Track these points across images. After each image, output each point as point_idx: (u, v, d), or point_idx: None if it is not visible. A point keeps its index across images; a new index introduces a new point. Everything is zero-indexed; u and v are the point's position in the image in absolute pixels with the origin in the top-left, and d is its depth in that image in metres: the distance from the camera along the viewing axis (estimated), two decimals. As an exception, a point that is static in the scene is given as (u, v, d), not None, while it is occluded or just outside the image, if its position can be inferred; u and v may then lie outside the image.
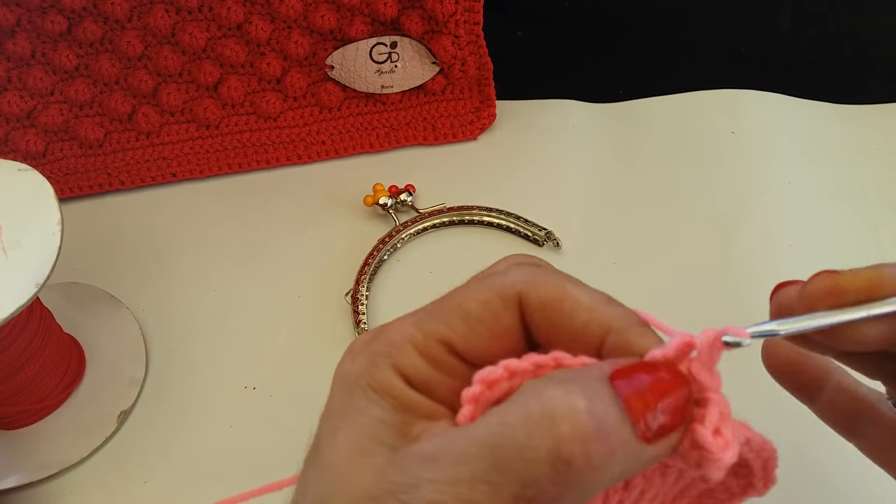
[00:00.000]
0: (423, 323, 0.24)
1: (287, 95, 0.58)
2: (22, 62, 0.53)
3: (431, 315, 0.24)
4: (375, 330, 0.24)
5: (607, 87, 0.61)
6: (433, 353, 0.23)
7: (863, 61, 0.62)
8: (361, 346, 0.24)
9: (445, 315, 0.24)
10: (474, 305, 0.23)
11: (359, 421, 0.22)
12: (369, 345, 0.24)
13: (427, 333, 0.23)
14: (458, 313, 0.23)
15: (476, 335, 0.23)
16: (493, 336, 0.23)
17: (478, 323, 0.23)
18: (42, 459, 0.44)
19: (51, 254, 0.38)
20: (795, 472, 0.42)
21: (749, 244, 0.51)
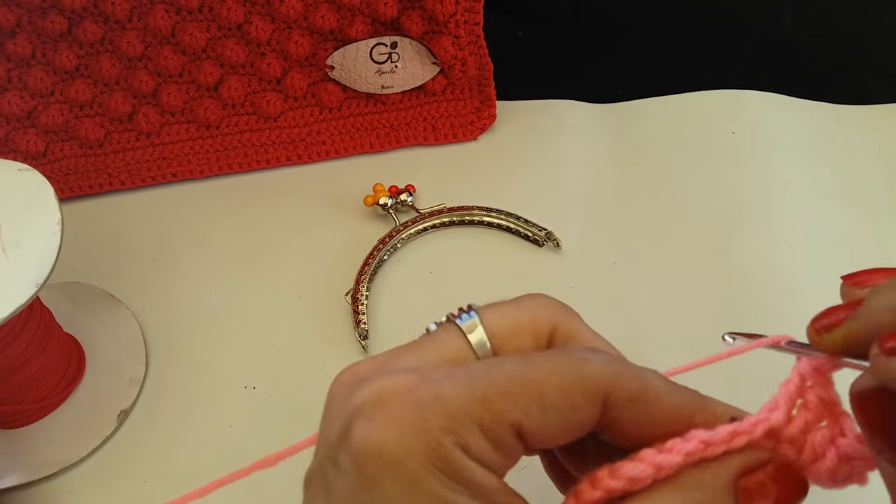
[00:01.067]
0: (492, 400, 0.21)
1: (287, 96, 0.58)
2: (22, 62, 0.53)
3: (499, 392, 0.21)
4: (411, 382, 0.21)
5: (607, 87, 0.61)
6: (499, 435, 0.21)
7: (863, 61, 0.62)
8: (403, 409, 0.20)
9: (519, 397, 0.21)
10: (554, 394, 0.21)
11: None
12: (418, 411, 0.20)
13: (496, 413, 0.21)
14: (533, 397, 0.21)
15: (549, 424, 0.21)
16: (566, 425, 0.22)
17: (554, 413, 0.21)
18: (42, 459, 0.44)
19: (51, 254, 0.38)
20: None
21: (749, 244, 0.51)
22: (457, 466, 0.20)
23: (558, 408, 0.21)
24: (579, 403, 0.21)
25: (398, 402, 0.20)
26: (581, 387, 0.21)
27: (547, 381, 0.21)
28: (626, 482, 0.21)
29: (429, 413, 0.20)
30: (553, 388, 0.21)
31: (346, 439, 0.21)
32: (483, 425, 0.20)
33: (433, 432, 0.20)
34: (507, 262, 0.52)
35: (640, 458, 0.21)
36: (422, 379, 0.21)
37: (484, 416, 0.20)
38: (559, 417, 0.21)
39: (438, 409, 0.20)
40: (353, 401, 0.21)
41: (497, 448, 0.21)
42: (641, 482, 0.21)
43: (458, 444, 0.20)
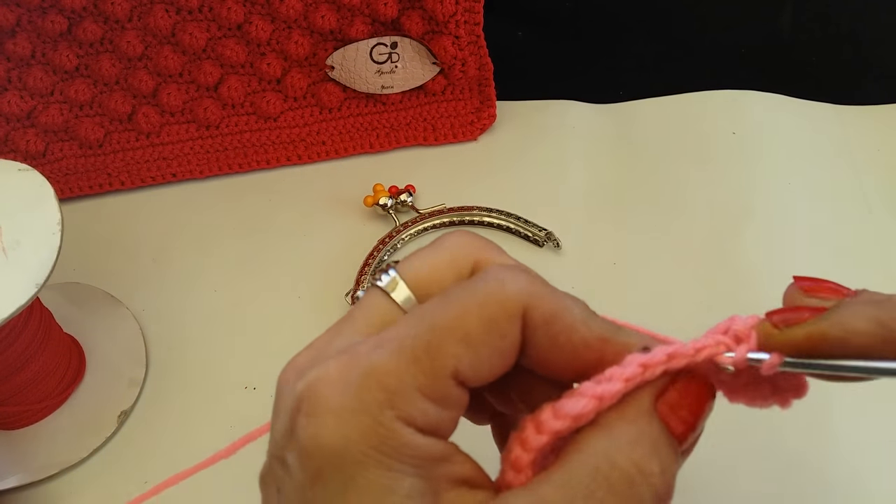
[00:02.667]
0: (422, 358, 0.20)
1: (287, 96, 0.58)
2: (22, 62, 0.53)
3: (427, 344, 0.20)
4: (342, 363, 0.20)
5: (607, 87, 0.61)
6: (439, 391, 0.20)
7: (863, 62, 0.62)
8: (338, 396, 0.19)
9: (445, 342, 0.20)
10: (478, 327, 0.21)
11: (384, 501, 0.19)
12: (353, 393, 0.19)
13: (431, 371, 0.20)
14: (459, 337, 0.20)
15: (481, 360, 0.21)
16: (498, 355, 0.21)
17: (483, 346, 0.21)
18: (42, 459, 0.44)
19: (51, 254, 0.38)
20: (794, 472, 0.42)
21: (749, 244, 0.51)
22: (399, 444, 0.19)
23: (486, 340, 0.21)
24: (505, 329, 0.21)
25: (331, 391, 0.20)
26: (503, 310, 0.21)
27: (469, 316, 0.21)
28: (571, 420, 0.21)
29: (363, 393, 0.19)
30: (475, 321, 0.21)
31: (291, 437, 0.20)
32: (420, 386, 0.20)
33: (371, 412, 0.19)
34: (507, 263, 0.52)
35: (581, 393, 0.21)
36: (350, 358, 0.20)
37: (419, 377, 0.20)
38: (489, 349, 0.21)
39: (373, 386, 0.19)
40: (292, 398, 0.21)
41: (440, 404, 0.20)
42: (585, 417, 0.21)
43: (399, 417, 0.19)
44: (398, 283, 0.23)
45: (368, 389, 0.19)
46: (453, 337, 0.20)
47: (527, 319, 0.21)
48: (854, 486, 0.41)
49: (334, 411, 0.19)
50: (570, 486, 0.20)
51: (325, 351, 0.22)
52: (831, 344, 0.22)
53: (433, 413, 0.20)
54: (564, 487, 0.20)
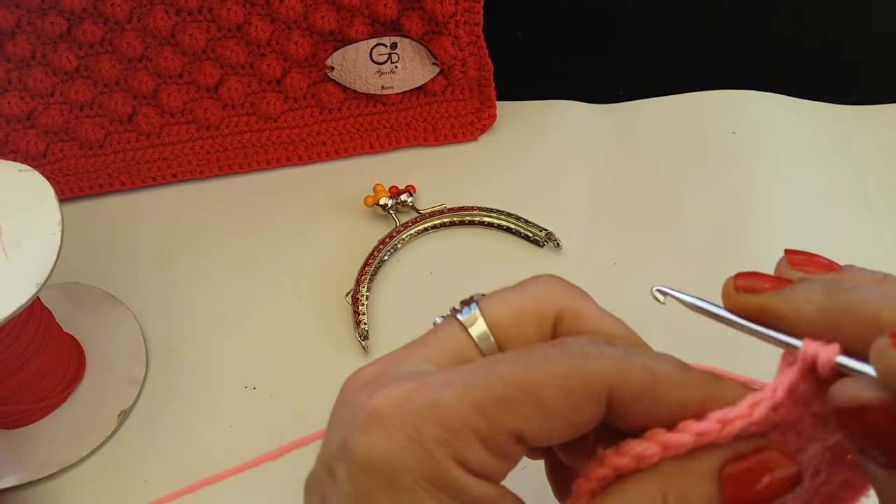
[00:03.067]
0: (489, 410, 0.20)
1: (287, 96, 0.58)
2: (22, 63, 0.53)
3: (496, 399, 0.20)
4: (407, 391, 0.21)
5: (607, 87, 0.61)
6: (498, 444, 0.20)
7: (863, 61, 0.62)
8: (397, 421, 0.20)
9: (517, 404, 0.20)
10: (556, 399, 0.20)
11: None
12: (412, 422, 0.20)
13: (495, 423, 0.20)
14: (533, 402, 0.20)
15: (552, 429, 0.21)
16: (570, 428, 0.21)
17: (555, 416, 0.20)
18: (42, 459, 0.44)
19: (51, 254, 0.38)
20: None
21: (749, 244, 0.51)
22: (450, 481, 0.20)
23: (560, 411, 0.21)
24: (582, 405, 0.21)
25: (394, 415, 0.20)
26: (584, 388, 0.21)
27: (546, 384, 0.20)
28: (631, 459, 0.21)
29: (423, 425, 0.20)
30: (553, 392, 0.20)
31: (344, 450, 0.21)
32: (480, 435, 0.20)
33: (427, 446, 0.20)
34: (507, 263, 0.52)
35: (648, 437, 0.21)
36: (418, 387, 0.21)
37: (481, 426, 0.20)
38: (561, 420, 0.21)
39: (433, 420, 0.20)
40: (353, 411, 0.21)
41: (496, 455, 0.21)
42: (647, 460, 0.21)
43: (454, 456, 0.20)
44: (478, 318, 0.23)
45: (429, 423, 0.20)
46: (527, 401, 0.20)
47: (615, 398, 0.21)
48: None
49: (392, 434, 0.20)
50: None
51: (392, 370, 0.22)
52: (776, 318, 0.22)
53: (487, 461, 0.20)
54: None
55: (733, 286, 0.23)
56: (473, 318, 0.23)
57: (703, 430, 0.21)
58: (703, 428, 0.21)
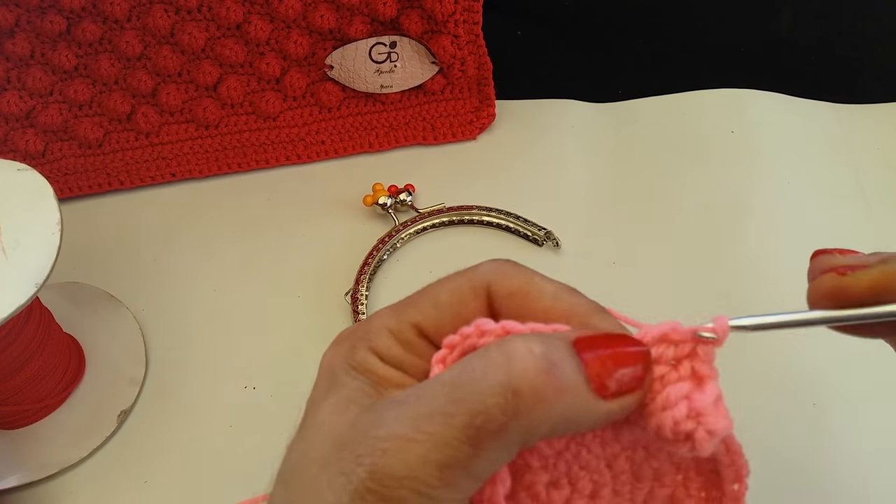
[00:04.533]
0: (398, 310, 0.26)
1: (286, 95, 0.58)
2: (21, 62, 0.53)
3: (407, 303, 0.26)
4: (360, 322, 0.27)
5: (607, 87, 0.61)
6: (406, 336, 0.25)
7: (863, 62, 0.62)
8: (345, 336, 0.26)
9: (419, 302, 0.26)
10: (444, 293, 0.25)
11: (340, 392, 0.24)
12: (352, 334, 0.26)
13: (401, 319, 0.25)
14: (429, 300, 0.26)
15: (444, 320, 0.25)
16: (461, 321, 0.25)
17: (446, 308, 0.25)
18: (42, 459, 0.44)
19: (50, 254, 0.38)
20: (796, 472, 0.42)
21: (749, 244, 0.51)
22: (360, 361, 0.24)
23: (450, 304, 0.25)
24: (467, 298, 0.25)
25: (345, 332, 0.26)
26: (470, 284, 0.25)
27: (442, 286, 0.26)
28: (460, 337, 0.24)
29: (357, 331, 0.26)
30: (445, 290, 0.25)
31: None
32: (392, 330, 0.25)
33: (354, 342, 0.25)
34: (506, 262, 0.52)
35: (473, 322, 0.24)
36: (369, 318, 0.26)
37: (391, 323, 0.25)
38: (451, 313, 0.25)
39: (363, 327, 0.26)
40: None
41: (405, 346, 0.25)
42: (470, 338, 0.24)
43: (370, 347, 0.25)
44: None
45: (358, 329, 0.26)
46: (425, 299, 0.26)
47: (492, 293, 0.25)
48: (855, 487, 0.41)
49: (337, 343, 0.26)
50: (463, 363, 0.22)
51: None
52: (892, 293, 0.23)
53: (396, 350, 0.25)
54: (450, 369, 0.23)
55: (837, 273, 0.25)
56: None
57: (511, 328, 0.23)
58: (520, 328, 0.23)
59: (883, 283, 0.24)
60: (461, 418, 0.21)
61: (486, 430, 0.21)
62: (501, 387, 0.21)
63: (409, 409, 0.21)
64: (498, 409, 0.21)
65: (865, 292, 0.24)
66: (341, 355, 0.25)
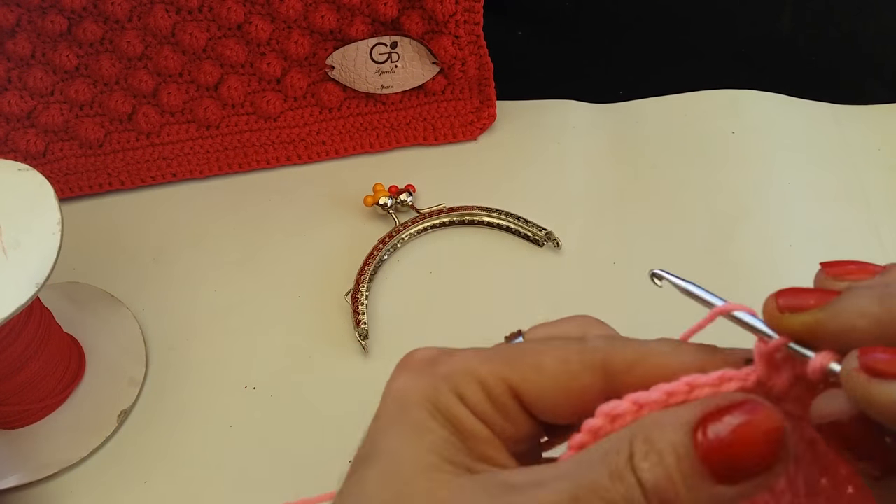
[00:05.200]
0: (492, 361, 0.23)
1: (287, 95, 0.58)
2: (22, 62, 0.53)
3: (501, 357, 0.23)
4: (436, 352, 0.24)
5: (607, 87, 0.61)
6: (496, 393, 0.23)
7: (862, 62, 0.62)
8: (420, 366, 0.24)
9: (517, 362, 0.23)
10: (551, 361, 0.23)
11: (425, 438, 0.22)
12: (431, 367, 0.24)
13: (494, 373, 0.23)
14: (531, 364, 0.23)
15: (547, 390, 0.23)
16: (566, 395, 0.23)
17: (551, 379, 0.23)
18: (42, 459, 0.44)
19: (51, 254, 0.38)
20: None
21: (749, 244, 0.51)
22: (445, 404, 0.23)
23: (555, 375, 0.23)
24: (577, 372, 0.23)
25: (421, 361, 0.24)
26: (579, 357, 0.23)
27: (546, 352, 0.23)
28: (603, 418, 0.22)
29: (438, 367, 0.23)
30: (550, 358, 0.23)
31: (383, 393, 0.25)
32: (481, 380, 0.23)
33: (435, 379, 0.23)
34: (507, 262, 0.52)
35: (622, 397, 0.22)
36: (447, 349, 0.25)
37: (482, 373, 0.23)
38: (556, 385, 0.23)
39: (447, 365, 0.23)
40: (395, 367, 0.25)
41: (495, 405, 0.23)
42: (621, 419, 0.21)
43: (454, 390, 0.23)
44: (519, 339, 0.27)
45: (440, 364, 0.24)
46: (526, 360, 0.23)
47: (608, 370, 0.23)
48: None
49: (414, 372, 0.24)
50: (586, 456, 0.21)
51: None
52: (829, 336, 0.21)
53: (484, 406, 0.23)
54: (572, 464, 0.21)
55: (776, 307, 0.22)
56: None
57: (671, 390, 0.21)
58: (671, 388, 0.21)
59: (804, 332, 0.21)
60: None
61: None
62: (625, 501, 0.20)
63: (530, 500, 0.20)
64: None
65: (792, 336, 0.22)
66: (419, 390, 0.23)
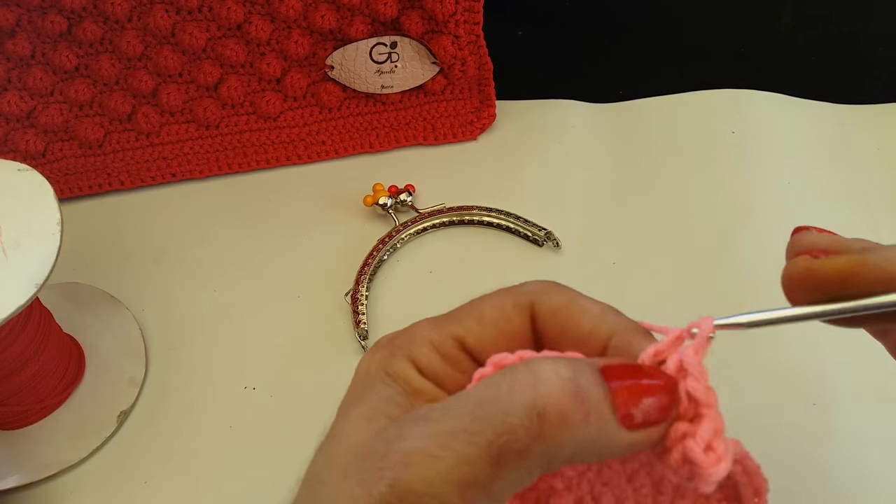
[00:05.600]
0: (441, 323, 0.26)
1: (287, 95, 0.58)
2: (22, 62, 0.53)
3: (450, 317, 0.26)
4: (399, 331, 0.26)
5: (607, 87, 0.61)
6: (447, 349, 0.25)
7: (863, 61, 0.62)
8: (385, 342, 0.26)
9: (462, 317, 0.26)
10: (488, 309, 0.26)
11: (371, 399, 0.24)
12: (392, 341, 0.26)
13: (443, 332, 0.25)
14: (473, 315, 0.26)
15: (487, 336, 0.25)
16: (503, 337, 0.25)
17: (490, 325, 0.25)
18: (42, 459, 0.44)
19: (51, 254, 0.38)
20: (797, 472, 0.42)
21: (749, 244, 0.51)
22: (397, 369, 0.24)
23: (493, 320, 0.25)
24: (510, 315, 0.25)
25: (384, 339, 0.26)
26: (513, 301, 0.25)
27: (486, 302, 0.26)
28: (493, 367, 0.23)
29: (397, 339, 0.26)
30: (489, 306, 0.26)
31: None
32: (432, 341, 0.25)
33: (393, 349, 0.25)
34: (506, 262, 0.52)
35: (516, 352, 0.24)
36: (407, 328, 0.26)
37: (433, 335, 0.25)
38: (494, 329, 0.25)
39: (404, 336, 0.26)
40: None
41: (445, 360, 0.25)
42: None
43: (409, 357, 0.25)
44: None
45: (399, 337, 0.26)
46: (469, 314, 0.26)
47: (535, 311, 0.25)
48: (855, 486, 0.41)
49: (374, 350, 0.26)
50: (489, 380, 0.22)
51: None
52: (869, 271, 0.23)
53: (436, 363, 0.25)
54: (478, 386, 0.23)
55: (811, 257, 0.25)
56: None
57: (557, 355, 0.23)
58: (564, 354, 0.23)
59: (849, 271, 0.24)
60: (484, 437, 0.21)
61: (509, 451, 0.20)
62: (527, 408, 0.21)
63: (434, 425, 0.21)
64: (522, 431, 0.21)
65: (832, 279, 0.24)
66: (378, 361, 0.25)
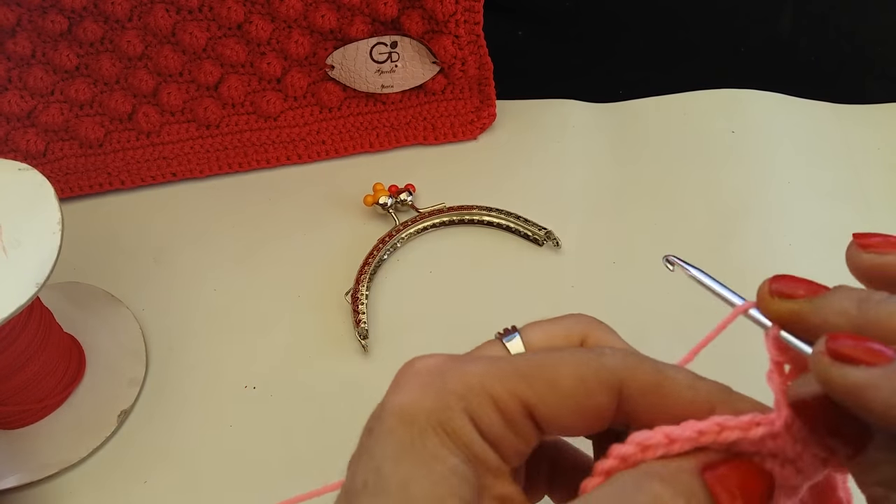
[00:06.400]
0: (505, 377, 0.23)
1: (287, 95, 0.58)
2: (22, 62, 0.53)
3: (516, 372, 0.23)
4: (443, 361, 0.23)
5: (607, 87, 0.61)
6: (510, 411, 0.22)
7: (862, 61, 0.62)
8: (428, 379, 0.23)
9: (532, 376, 0.23)
10: (567, 378, 0.23)
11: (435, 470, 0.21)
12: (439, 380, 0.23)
13: (510, 390, 0.22)
14: (546, 380, 0.23)
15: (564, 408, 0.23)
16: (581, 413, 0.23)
17: (568, 396, 0.22)
18: (42, 459, 0.44)
19: (51, 254, 0.38)
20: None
21: (749, 244, 0.51)
22: (457, 429, 0.22)
23: (572, 393, 0.22)
24: (593, 391, 0.22)
25: (427, 373, 0.23)
26: (594, 374, 0.22)
27: (562, 368, 0.23)
28: (636, 447, 0.22)
29: (448, 381, 0.22)
30: (567, 375, 0.22)
31: (382, 406, 0.23)
32: (496, 398, 0.22)
33: (446, 396, 0.22)
34: (506, 262, 0.52)
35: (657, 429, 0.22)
36: (453, 359, 0.23)
37: (497, 391, 0.22)
38: (572, 403, 0.22)
39: (457, 379, 0.22)
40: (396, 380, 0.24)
41: (508, 425, 0.22)
42: (651, 450, 0.22)
43: (467, 410, 0.22)
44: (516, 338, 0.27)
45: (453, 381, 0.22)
46: (542, 377, 0.23)
47: (626, 392, 0.23)
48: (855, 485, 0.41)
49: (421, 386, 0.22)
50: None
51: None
52: (810, 327, 0.22)
53: (498, 427, 0.22)
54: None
55: (768, 290, 0.24)
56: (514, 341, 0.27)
57: (703, 429, 0.22)
58: (703, 427, 0.22)
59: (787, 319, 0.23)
60: None
61: None
62: None
63: None
64: None
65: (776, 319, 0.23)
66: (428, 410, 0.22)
